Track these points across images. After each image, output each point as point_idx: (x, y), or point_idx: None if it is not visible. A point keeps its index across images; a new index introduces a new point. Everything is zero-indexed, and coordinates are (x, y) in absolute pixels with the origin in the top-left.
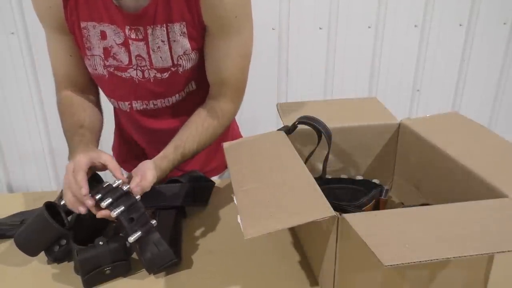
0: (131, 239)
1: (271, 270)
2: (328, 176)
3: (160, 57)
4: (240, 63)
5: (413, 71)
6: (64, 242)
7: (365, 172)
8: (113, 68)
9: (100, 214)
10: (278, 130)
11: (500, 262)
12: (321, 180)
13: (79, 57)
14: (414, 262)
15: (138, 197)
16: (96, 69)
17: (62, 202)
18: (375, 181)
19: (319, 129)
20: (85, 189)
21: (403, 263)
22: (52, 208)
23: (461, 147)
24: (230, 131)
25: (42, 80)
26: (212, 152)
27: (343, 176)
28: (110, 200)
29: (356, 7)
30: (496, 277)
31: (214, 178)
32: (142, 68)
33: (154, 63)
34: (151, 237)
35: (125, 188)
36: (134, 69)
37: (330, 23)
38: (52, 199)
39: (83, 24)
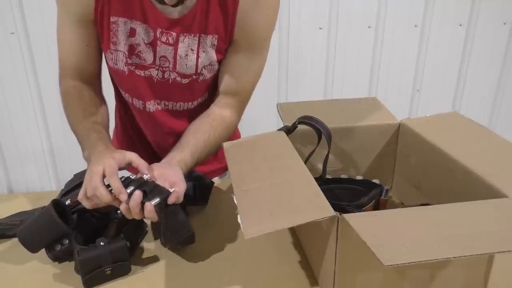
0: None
1: (271, 270)
2: (328, 176)
3: (186, 64)
4: (255, 80)
5: (413, 71)
6: (66, 242)
7: (365, 172)
8: (134, 67)
9: (145, 212)
10: (278, 130)
11: (500, 262)
12: (321, 180)
13: (93, 48)
14: (414, 262)
15: (172, 189)
16: (116, 64)
17: (67, 202)
18: (375, 181)
19: (319, 129)
20: (124, 194)
21: (403, 263)
22: (59, 207)
23: (461, 147)
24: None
25: (42, 80)
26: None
27: (343, 176)
28: (158, 199)
29: (356, 7)
30: (496, 277)
31: (214, 179)
32: (164, 69)
33: (178, 68)
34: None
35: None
36: (156, 69)
37: (330, 23)
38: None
39: (113, 19)
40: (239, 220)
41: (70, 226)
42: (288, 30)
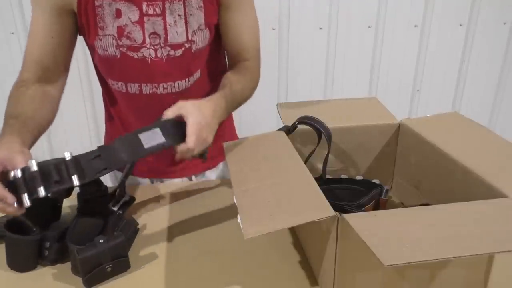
0: None
1: (271, 270)
2: (328, 176)
3: (176, 32)
4: (255, 36)
5: (413, 71)
6: (48, 244)
7: (365, 172)
8: (125, 48)
9: None
10: (278, 130)
11: (500, 262)
12: (321, 180)
13: (64, 41)
14: (414, 262)
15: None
16: (107, 50)
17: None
18: (375, 181)
19: (319, 129)
20: (10, 198)
21: (403, 263)
22: (15, 224)
23: (461, 147)
24: (227, 128)
25: None
26: None
27: (343, 176)
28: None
29: (356, 7)
30: (496, 277)
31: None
32: (155, 46)
33: (170, 39)
34: None
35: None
36: (147, 48)
37: (330, 23)
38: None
39: (97, 3)
40: (239, 220)
41: (35, 232)
42: (288, 30)
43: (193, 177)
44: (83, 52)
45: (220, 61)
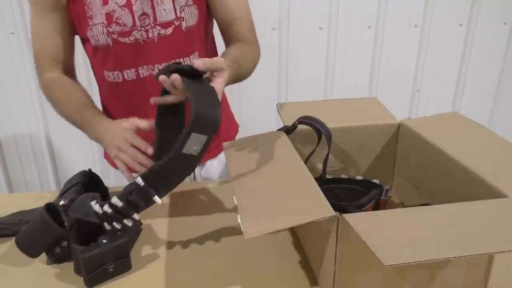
0: None
1: (271, 270)
2: (328, 176)
3: (164, 10)
4: (245, 4)
5: (413, 71)
6: (65, 243)
7: (365, 172)
8: (116, 35)
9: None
10: (278, 130)
11: (500, 262)
12: (321, 180)
13: (67, 35)
14: (414, 262)
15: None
16: (98, 40)
17: (61, 203)
18: (375, 181)
19: (319, 129)
20: (150, 148)
21: (403, 263)
22: (53, 210)
23: (461, 147)
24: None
25: None
26: None
27: (343, 176)
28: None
29: (356, 7)
30: (496, 277)
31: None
32: (146, 27)
33: (158, 17)
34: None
35: None
36: (138, 30)
37: (330, 23)
38: (52, 199)
39: None
40: (239, 220)
41: (65, 228)
42: (288, 30)
43: (196, 169)
44: (82, 51)
45: (217, 48)
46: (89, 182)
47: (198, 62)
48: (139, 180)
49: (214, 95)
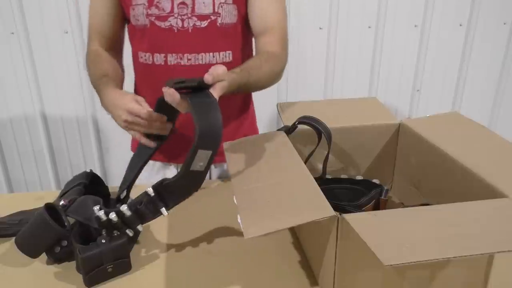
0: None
1: (271, 270)
2: (328, 176)
3: (203, 2)
4: (282, 15)
5: (413, 71)
6: (65, 243)
7: (365, 172)
8: (154, 18)
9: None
10: (278, 130)
11: (500, 262)
12: (321, 180)
13: (116, 14)
14: (414, 262)
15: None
16: (138, 20)
17: (61, 203)
18: (375, 181)
19: (319, 129)
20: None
21: (403, 263)
22: (52, 210)
23: (461, 147)
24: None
25: (42, 80)
26: None
27: (343, 176)
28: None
29: (356, 7)
30: (496, 277)
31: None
32: (183, 17)
33: (196, 9)
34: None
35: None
36: (175, 18)
37: (330, 23)
38: (52, 199)
39: None
40: (239, 220)
41: (66, 227)
42: (288, 30)
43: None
44: (83, 52)
45: (251, 54)
46: (90, 183)
47: (208, 78)
48: (150, 191)
49: (217, 109)
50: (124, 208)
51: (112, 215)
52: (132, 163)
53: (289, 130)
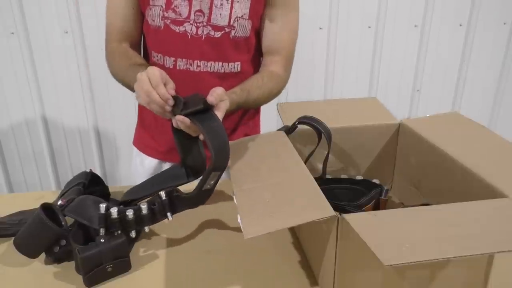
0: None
1: (271, 270)
2: (328, 176)
3: (220, 14)
4: (293, 37)
5: (413, 71)
6: (64, 242)
7: (365, 172)
8: (169, 21)
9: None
10: (278, 130)
11: (500, 262)
12: (321, 180)
13: (137, 12)
14: (414, 262)
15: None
16: (154, 20)
17: (59, 203)
18: (375, 181)
19: (319, 129)
20: (171, 100)
21: (403, 263)
22: (49, 210)
23: (461, 147)
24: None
25: (42, 80)
26: None
27: (343, 176)
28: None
29: (356, 7)
30: (496, 277)
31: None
32: (198, 24)
33: (213, 19)
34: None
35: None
36: (190, 24)
37: (330, 23)
38: (52, 199)
39: None
40: (239, 220)
41: (63, 227)
42: None
43: None
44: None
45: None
46: (90, 183)
47: (212, 99)
48: (162, 194)
49: (224, 133)
50: (144, 206)
51: (130, 212)
52: (149, 182)
53: (289, 130)
